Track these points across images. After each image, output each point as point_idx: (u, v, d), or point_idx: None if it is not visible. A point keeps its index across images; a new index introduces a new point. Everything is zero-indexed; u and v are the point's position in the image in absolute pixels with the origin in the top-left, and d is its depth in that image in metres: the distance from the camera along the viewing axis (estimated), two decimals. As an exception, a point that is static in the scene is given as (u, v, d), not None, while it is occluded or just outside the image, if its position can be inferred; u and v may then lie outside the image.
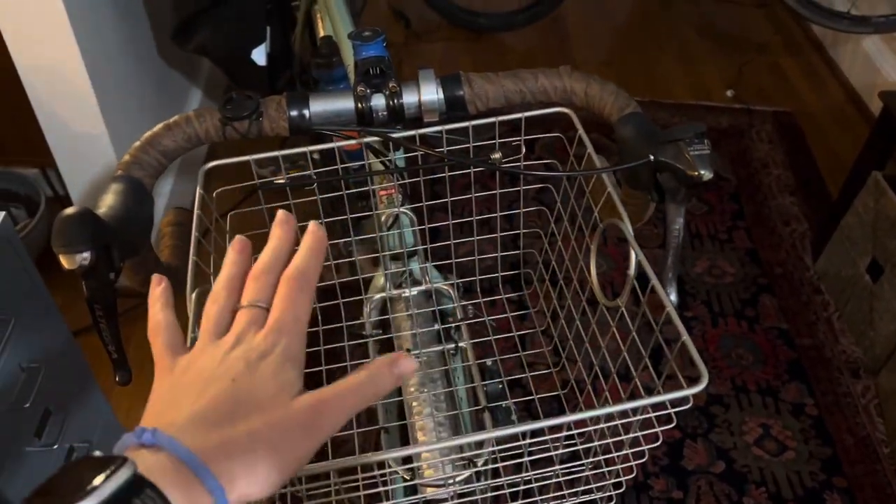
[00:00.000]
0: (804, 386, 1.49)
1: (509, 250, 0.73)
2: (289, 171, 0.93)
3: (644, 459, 0.53)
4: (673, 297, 0.57)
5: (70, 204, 1.68)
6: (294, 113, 0.61)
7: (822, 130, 2.10)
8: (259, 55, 1.36)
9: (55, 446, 0.99)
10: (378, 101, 0.61)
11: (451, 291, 0.74)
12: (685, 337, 0.47)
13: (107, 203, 0.54)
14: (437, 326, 0.72)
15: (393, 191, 0.75)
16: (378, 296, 0.74)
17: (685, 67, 2.33)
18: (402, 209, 0.71)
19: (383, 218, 0.72)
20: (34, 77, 1.33)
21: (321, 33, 1.17)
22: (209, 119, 0.60)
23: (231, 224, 0.62)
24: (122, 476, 0.30)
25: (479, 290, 0.74)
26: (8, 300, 0.90)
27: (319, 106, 0.61)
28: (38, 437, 0.97)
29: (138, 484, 0.30)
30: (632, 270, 0.53)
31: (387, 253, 0.72)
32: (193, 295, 0.51)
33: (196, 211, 0.56)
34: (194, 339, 0.48)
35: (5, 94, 1.38)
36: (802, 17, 1.78)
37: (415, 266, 0.76)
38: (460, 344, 0.70)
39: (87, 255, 0.48)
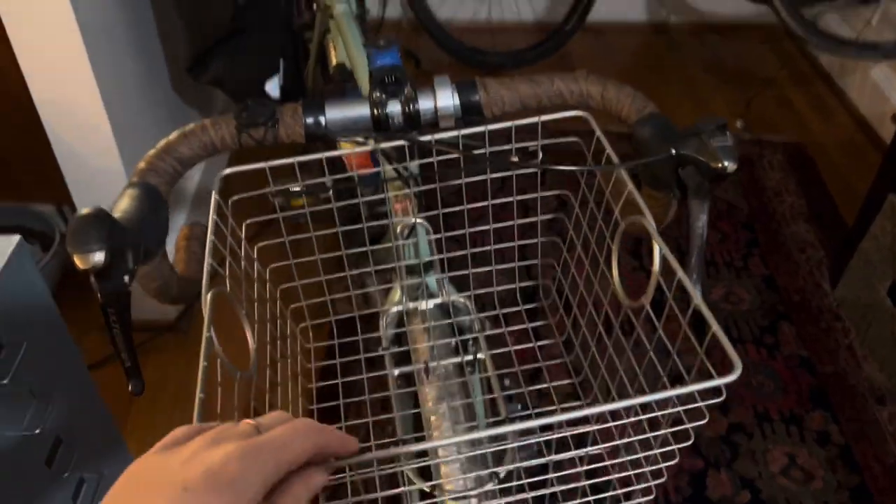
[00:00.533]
0: (828, 414, 1.45)
1: (526, 261, 0.72)
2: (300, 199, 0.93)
3: (675, 461, 0.51)
4: (697, 293, 0.55)
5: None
6: (310, 120, 0.61)
7: (832, 159, 2.09)
8: (273, 88, 1.37)
9: (66, 475, 0.97)
10: (394, 108, 0.61)
11: (468, 304, 0.73)
12: (715, 327, 0.45)
13: (121, 207, 0.54)
14: (454, 339, 0.71)
15: (408, 203, 0.75)
16: (394, 309, 0.73)
17: (693, 101, 2.35)
18: (417, 219, 0.70)
19: (399, 229, 0.71)
20: (52, 112, 1.35)
21: (334, 62, 1.18)
22: (225, 126, 0.60)
23: (247, 232, 0.61)
24: None
25: (496, 302, 0.73)
26: (20, 323, 0.89)
27: (335, 113, 0.61)
28: (48, 466, 0.95)
29: None
30: (656, 266, 0.51)
31: (402, 263, 0.71)
32: (209, 296, 0.50)
33: (212, 216, 0.55)
34: (209, 339, 0.48)
35: (23, 130, 1.40)
36: (812, 46, 1.80)
37: (431, 280, 0.76)
38: (479, 356, 0.69)
39: (100, 255, 0.48)
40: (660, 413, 0.45)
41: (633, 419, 0.47)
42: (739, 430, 1.43)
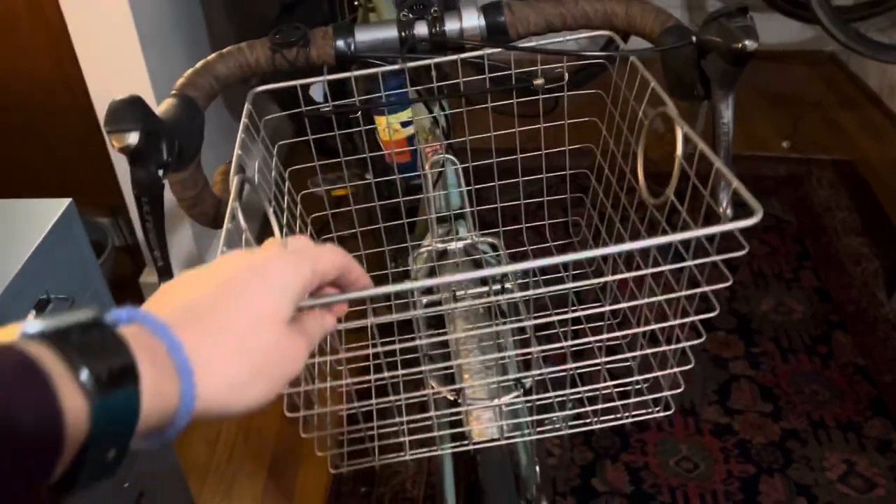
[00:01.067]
0: (889, 422, 1.38)
1: (556, 196, 0.72)
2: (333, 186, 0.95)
3: (702, 339, 0.49)
4: (725, 204, 0.54)
5: (139, 253, 1.75)
6: (340, 42, 0.63)
7: (884, 177, 2.04)
8: (317, 91, 1.42)
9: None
10: (421, 29, 0.63)
11: (497, 242, 0.73)
12: (735, 183, 0.44)
13: (159, 109, 0.56)
14: (483, 272, 0.70)
15: (438, 147, 0.76)
16: (425, 247, 0.73)
17: (739, 124, 2.32)
18: (447, 155, 0.71)
19: (428, 166, 0.72)
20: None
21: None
22: (260, 48, 0.63)
23: (279, 151, 0.63)
24: (83, 315, 0.28)
25: (525, 240, 0.73)
26: (67, 282, 0.92)
27: (364, 35, 0.63)
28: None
29: (96, 326, 0.28)
30: (679, 151, 0.51)
31: (431, 194, 0.72)
32: (236, 178, 0.51)
33: (244, 119, 0.57)
34: (234, 209, 0.49)
35: (84, 137, 1.48)
36: (855, 52, 1.78)
37: (461, 227, 0.76)
38: (506, 284, 0.68)
39: (135, 135, 0.50)
40: (668, 268, 0.44)
41: (650, 270, 0.45)
42: (793, 436, 1.36)
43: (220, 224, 0.66)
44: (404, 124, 1.19)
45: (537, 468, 0.85)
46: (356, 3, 1.25)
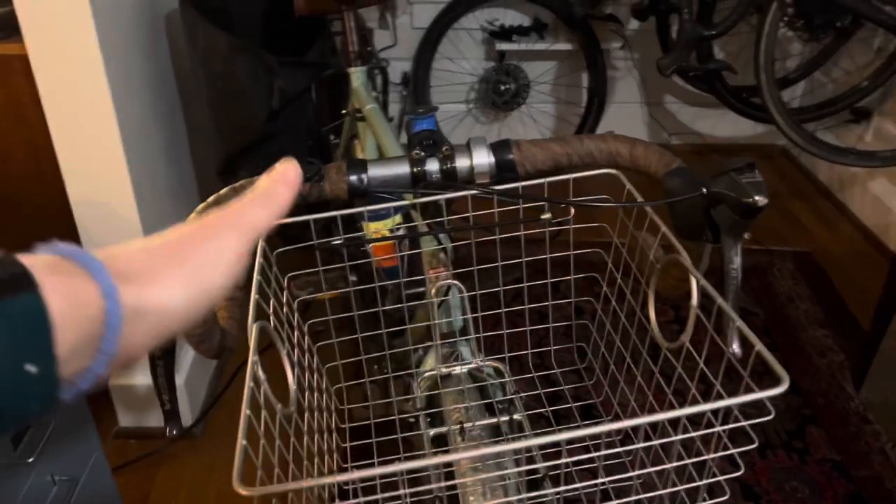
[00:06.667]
0: (868, 520, 1.39)
1: (561, 322, 0.73)
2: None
3: (726, 497, 0.49)
4: (735, 347, 0.56)
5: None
6: (353, 177, 0.64)
7: (841, 267, 2.12)
8: (298, 190, 1.43)
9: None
10: (432, 166, 0.64)
11: (502, 368, 0.73)
12: (758, 346, 0.46)
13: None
14: (489, 400, 0.70)
15: (444, 270, 0.76)
16: (429, 373, 0.73)
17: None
18: (453, 281, 0.72)
19: (433, 291, 0.73)
20: (85, 212, 1.39)
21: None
22: (273, 183, 0.63)
23: (288, 284, 0.63)
24: None
25: (531, 365, 0.73)
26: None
27: (377, 171, 0.64)
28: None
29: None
30: (695, 301, 0.52)
31: (437, 321, 0.72)
32: (255, 327, 0.51)
33: (258, 259, 0.57)
34: (255, 364, 0.48)
35: (55, 228, 1.44)
36: (812, 154, 1.88)
37: (465, 349, 0.76)
38: (514, 416, 0.68)
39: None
40: (698, 433, 0.45)
41: (672, 438, 0.46)
42: (776, 537, 1.36)
43: (223, 355, 0.65)
44: (392, 230, 1.20)
45: None
46: (343, 111, 1.28)
